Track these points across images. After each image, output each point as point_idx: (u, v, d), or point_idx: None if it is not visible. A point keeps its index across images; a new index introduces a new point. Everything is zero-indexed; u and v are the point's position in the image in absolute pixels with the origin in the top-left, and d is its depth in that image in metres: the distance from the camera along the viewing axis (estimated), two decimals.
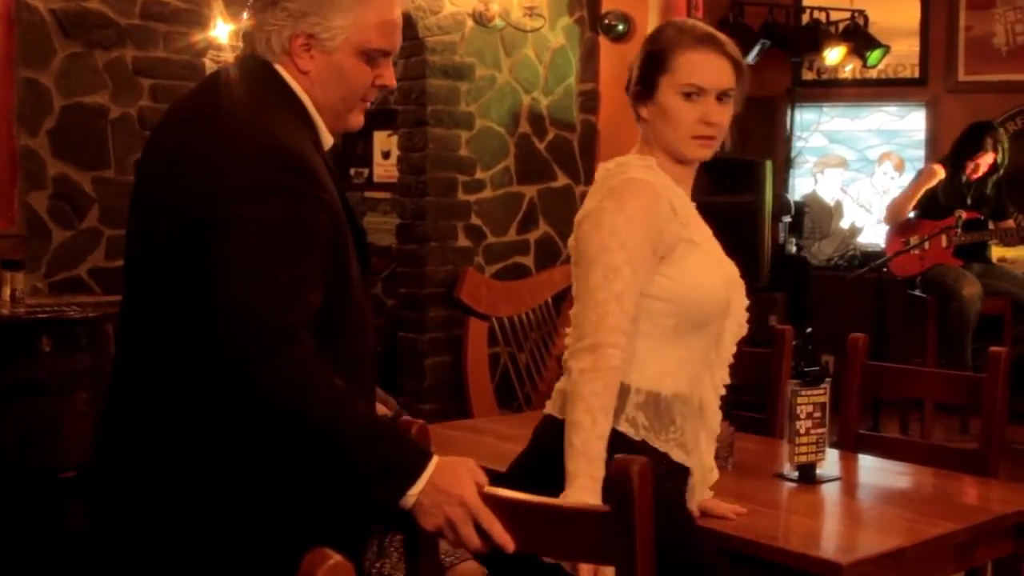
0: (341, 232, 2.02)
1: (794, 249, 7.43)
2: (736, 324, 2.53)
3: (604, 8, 6.55)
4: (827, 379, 2.94)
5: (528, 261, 6.28)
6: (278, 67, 2.09)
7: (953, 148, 6.62)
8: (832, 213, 8.46)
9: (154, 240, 1.99)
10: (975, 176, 6.45)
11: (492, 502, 1.87)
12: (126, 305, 2.10)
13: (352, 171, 7.99)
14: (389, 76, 2.16)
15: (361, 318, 2.11)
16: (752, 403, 4.00)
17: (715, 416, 2.52)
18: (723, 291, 2.47)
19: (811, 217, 8.15)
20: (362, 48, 2.08)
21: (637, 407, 2.37)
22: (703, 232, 2.52)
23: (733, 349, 2.55)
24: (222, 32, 7.06)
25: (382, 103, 7.57)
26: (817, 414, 2.89)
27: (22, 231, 4.80)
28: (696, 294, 2.41)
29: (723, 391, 2.53)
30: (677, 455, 2.42)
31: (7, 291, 4.29)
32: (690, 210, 2.50)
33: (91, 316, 4.21)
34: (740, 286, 2.53)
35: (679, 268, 2.39)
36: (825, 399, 2.92)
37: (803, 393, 2.88)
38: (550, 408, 2.49)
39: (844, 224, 8.45)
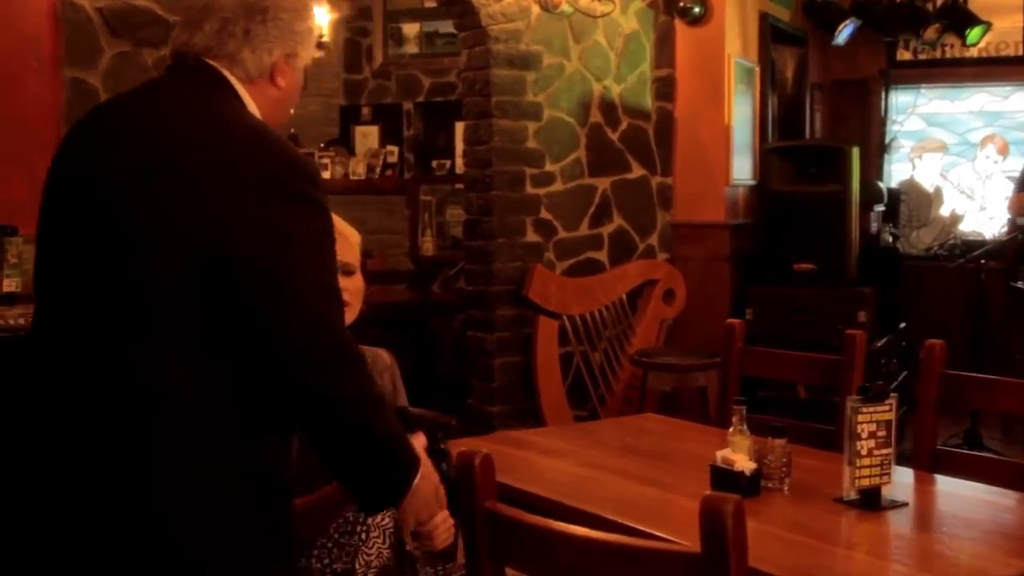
0: None
1: (889, 239, 7.08)
2: None
3: None
4: (892, 394, 2.65)
5: (601, 256, 6.03)
6: (237, 85, 2.06)
7: None
8: (931, 200, 8.07)
9: (155, 263, 1.86)
10: None
11: (573, 541, 1.75)
12: (64, 321, 1.93)
13: (435, 163, 7.83)
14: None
15: None
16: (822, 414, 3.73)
17: None
18: None
19: (908, 205, 7.78)
20: (307, 61, 2.18)
21: None
22: None
23: None
24: None
25: (460, 93, 7.39)
26: (881, 433, 2.62)
27: None
28: None
29: None
30: None
31: None
32: None
33: None
34: None
35: None
36: (891, 416, 2.64)
37: (864, 410, 2.61)
38: None
39: (944, 211, 8.06)
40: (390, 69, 8.56)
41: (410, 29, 8.57)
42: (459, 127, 7.39)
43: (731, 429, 2.81)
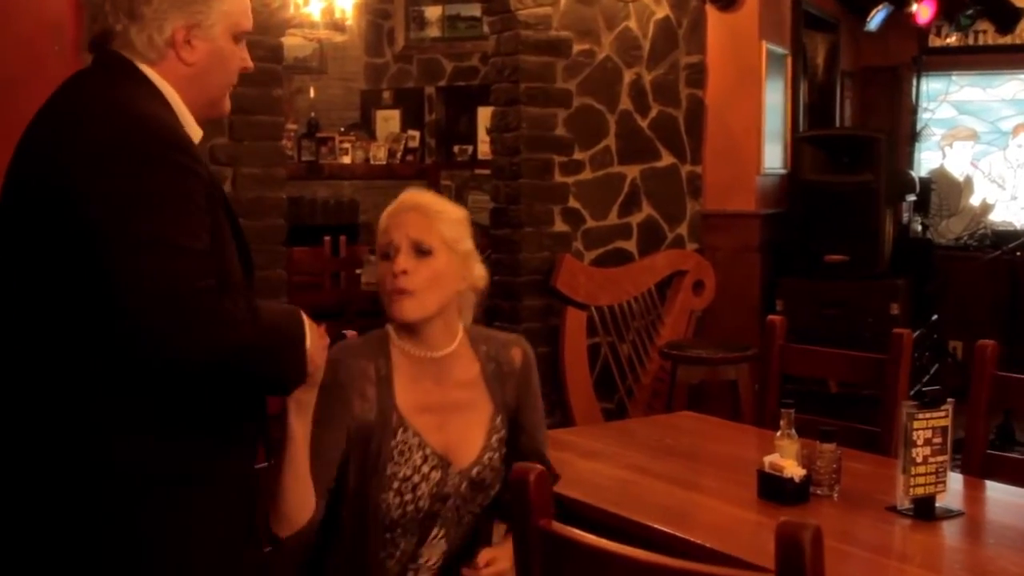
0: (217, 220, 1.97)
1: (919, 228, 6.97)
2: None
3: None
4: (949, 400, 2.56)
5: (630, 246, 5.93)
6: (143, 66, 2.02)
7: None
8: (961, 189, 7.97)
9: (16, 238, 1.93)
10: None
11: (635, 567, 1.66)
12: None
13: (456, 148, 7.75)
14: (248, 57, 2.18)
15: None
16: (866, 414, 3.63)
17: None
18: None
19: (938, 194, 7.67)
20: (237, 31, 2.11)
21: None
22: None
23: None
24: (314, 8, 6.88)
25: (485, 78, 7.30)
26: (937, 440, 2.52)
27: None
28: None
29: None
30: None
31: None
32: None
33: None
34: None
35: None
36: (947, 422, 2.54)
37: (920, 416, 2.52)
38: None
39: (974, 201, 7.94)
40: (412, 53, 8.47)
41: (432, 12, 8.47)
42: (481, 112, 7.30)
43: (779, 433, 2.73)
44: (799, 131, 6.68)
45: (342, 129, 7.66)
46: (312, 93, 8.28)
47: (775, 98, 6.38)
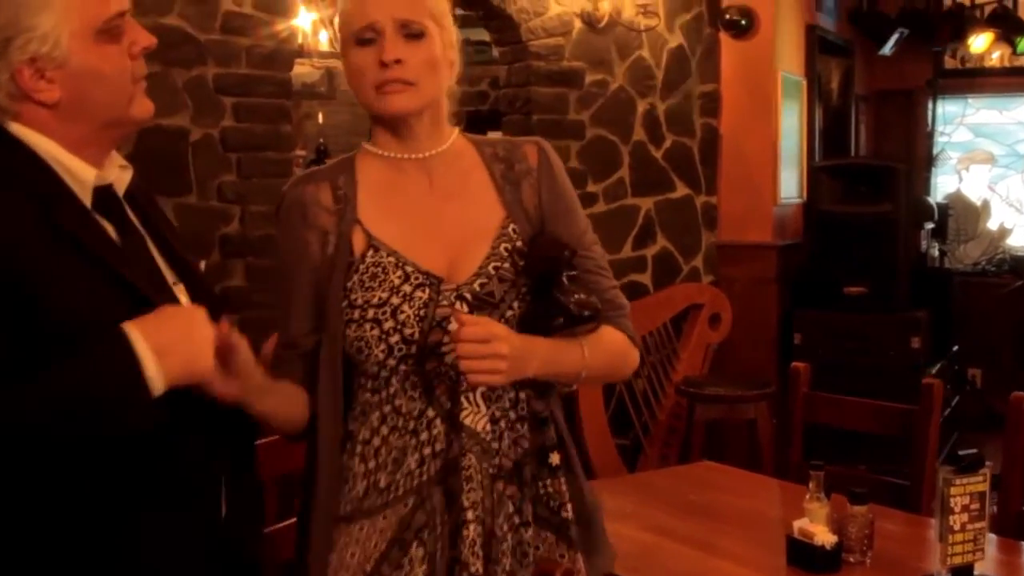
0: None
1: (936, 253, 6.87)
2: None
3: (725, 2, 6.06)
4: (986, 463, 2.45)
5: (645, 279, 5.83)
6: (13, 125, 1.70)
7: None
8: (979, 213, 7.85)
9: None
10: None
11: None
12: None
13: None
14: (141, 35, 1.77)
15: None
16: (892, 454, 3.54)
17: None
18: None
19: (956, 219, 7.57)
20: (94, 29, 1.68)
21: None
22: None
23: None
24: (323, 36, 6.79)
25: (495, 103, 7.21)
26: (975, 506, 2.42)
27: None
28: None
29: None
30: None
31: None
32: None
33: None
34: None
35: None
36: (984, 487, 2.43)
37: (957, 482, 2.41)
38: None
39: (992, 225, 7.84)
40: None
41: None
42: (490, 136, 7.21)
43: (808, 496, 2.63)
44: (815, 158, 6.59)
45: None
46: (320, 118, 8.20)
47: (790, 124, 6.29)
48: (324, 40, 6.89)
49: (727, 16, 6.03)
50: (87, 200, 1.72)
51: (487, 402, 1.99)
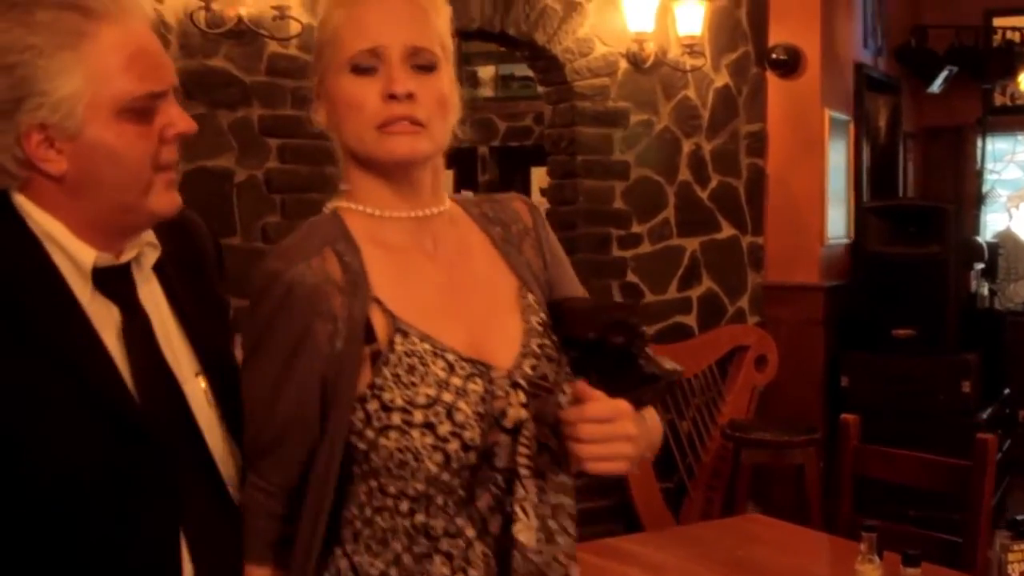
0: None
1: (986, 293, 6.77)
2: None
3: (771, 41, 6.02)
4: None
5: (690, 321, 5.77)
6: (17, 195, 1.54)
7: None
8: None
9: None
10: None
11: None
12: None
13: None
14: (180, 119, 1.57)
15: None
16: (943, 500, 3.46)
17: None
18: None
19: (1005, 258, 7.46)
20: (118, 106, 1.50)
21: None
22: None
23: None
24: None
25: (539, 138, 7.21)
26: None
27: None
28: None
29: None
30: None
31: None
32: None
33: None
34: None
35: None
36: None
37: (1016, 548, 2.36)
38: None
39: None
40: (465, 112, 8.39)
41: (485, 72, 8.40)
42: (535, 172, 7.20)
43: (859, 558, 2.57)
44: (862, 197, 6.53)
45: None
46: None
47: (837, 163, 6.23)
48: None
49: (774, 55, 5.99)
50: (83, 285, 1.56)
51: (535, 508, 1.65)
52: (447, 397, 1.59)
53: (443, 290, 1.69)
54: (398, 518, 1.62)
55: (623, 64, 5.39)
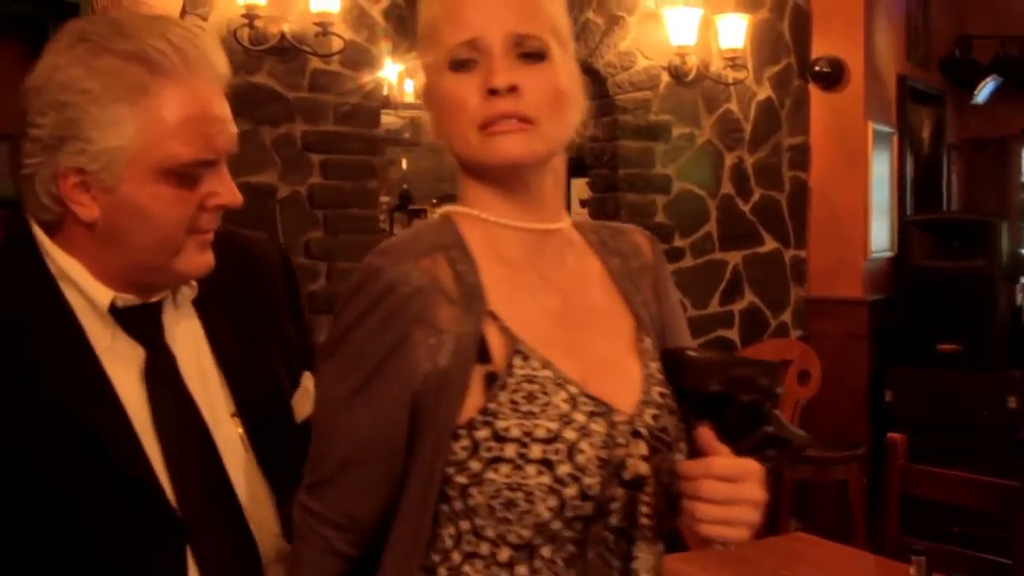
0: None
1: None
2: None
3: (814, 53, 5.98)
4: None
5: (732, 335, 5.75)
6: (42, 236, 1.51)
7: None
8: None
9: None
10: None
11: None
12: None
13: None
14: (226, 190, 1.51)
15: None
16: (989, 537, 3.42)
17: None
18: None
19: None
20: (161, 167, 1.44)
21: None
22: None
23: None
24: (408, 86, 6.83)
25: (580, 149, 7.19)
26: None
27: None
28: None
29: None
30: None
31: None
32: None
33: None
34: None
35: None
36: None
37: None
38: None
39: None
40: None
41: None
42: (575, 184, 7.17)
43: None
44: (906, 209, 6.47)
45: (434, 200, 7.58)
46: (404, 164, 8.23)
47: (881, 175, 6.18)
48: (409, 90, 6.93)
49: (816, 68, 5.96)
50: (101, 326, 1.51)
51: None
52: (569, 435, 1.39)
53: (558, 317, 1.50)
54: (494, 568, 1.40)
55: (665, 77, 5.38)
